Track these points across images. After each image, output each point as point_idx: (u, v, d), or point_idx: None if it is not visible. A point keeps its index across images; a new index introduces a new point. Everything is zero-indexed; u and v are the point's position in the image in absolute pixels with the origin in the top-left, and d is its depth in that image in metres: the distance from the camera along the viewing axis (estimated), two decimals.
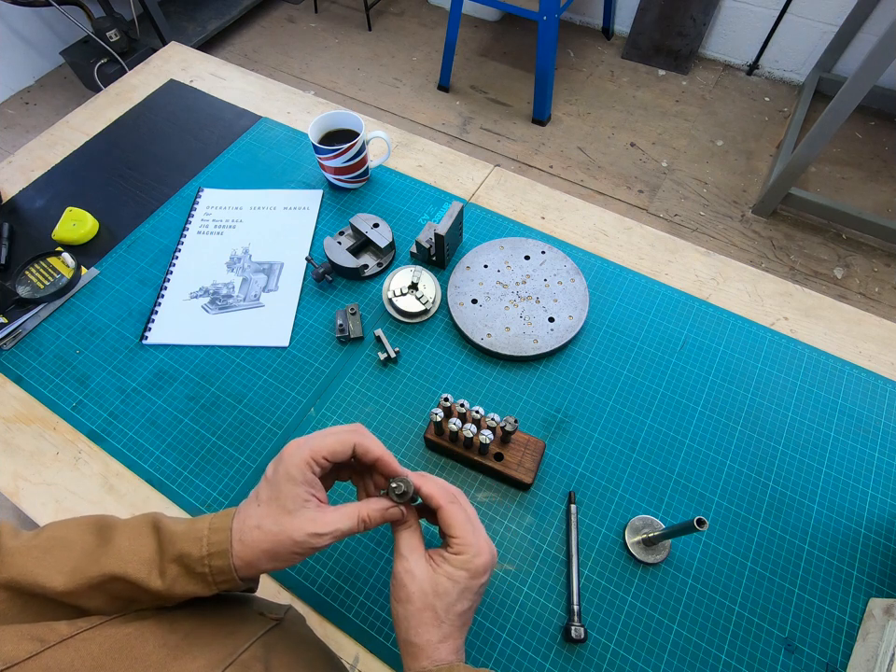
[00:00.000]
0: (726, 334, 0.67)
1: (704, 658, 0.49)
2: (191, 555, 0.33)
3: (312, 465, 0.36)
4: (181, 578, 0.33)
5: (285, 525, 0.34)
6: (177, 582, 0.33)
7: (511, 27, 2.46)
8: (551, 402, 0.63)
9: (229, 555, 0.33)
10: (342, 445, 0.37)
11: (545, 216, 0.79)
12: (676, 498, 0.57)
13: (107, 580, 0.32)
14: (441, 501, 0.39)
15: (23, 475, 0.60)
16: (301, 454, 0.36)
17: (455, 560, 0.37)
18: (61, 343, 0.69)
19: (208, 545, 0.33)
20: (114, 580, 0.32)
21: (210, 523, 0.35)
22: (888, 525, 0.55)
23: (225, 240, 0.78)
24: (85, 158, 0.89)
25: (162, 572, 0.33)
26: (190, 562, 0.33)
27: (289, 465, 0.36)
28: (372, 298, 0.72)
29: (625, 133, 2.07)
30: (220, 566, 0.33)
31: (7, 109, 2.24)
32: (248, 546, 0.34)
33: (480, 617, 0.51)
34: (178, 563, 0.33)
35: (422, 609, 0.36)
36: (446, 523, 0.39)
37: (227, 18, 2.39)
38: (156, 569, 0.33)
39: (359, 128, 0.77)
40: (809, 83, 2.04)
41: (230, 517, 0.36)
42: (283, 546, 0.34)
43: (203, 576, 0.33)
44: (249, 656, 0.32)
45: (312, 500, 0.36)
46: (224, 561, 0.33)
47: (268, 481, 0.37)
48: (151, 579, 0.32)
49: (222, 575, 0.33)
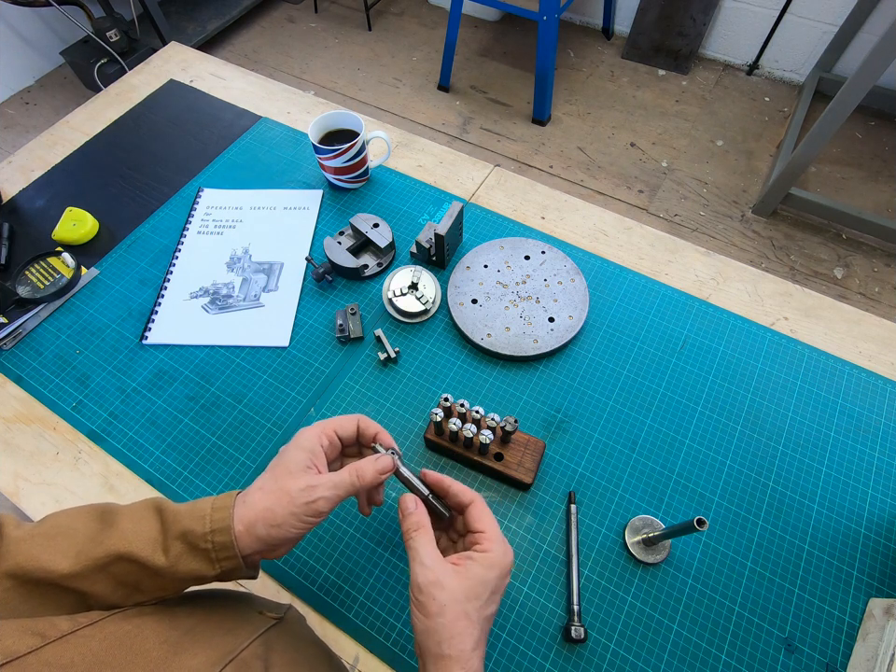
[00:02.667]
0: (726, 334, 0.67)
1: (704, 658, 0.49)
2: (195, 532, 0.34)
3: (322, 437, 0.40)
4: (185, 555, 0.34)
5: (283, 483, 0.36)
6: (181, 560, 0.33)
7: (511, 27, 2.46)
8: (551, 402, 0.63)
9: (231, 532, 0.34)
10: (348, 421, 0.42)
11: (545, 216, 0.79)
12: (676, 498, 0.57)
13: (112, 560, 0.33)
14: (473, 496, 0.40)
15: (23, 475, 0.60)
16: (313, 429, 0.41)
17: (484, 559, 0.36)
18: (61, 342, 0.69)
19: (211, 522, 0.35)
20: (119, 559, 0.33)
21: (213, 502, 0.36)
22: (888, 525, 0.55)
23: (225, 240, 0.78)
24: (85, 158, 0.89)
25: (166, 549, 0.33)
26: (194, 538, 0.34)
27: (300, 437, 0.40)
28: (372, 298, 0.72)
29: (625, 133, 2.06)
30: (223, 541, 0.34)
31: (7, 109, 2.24)
32: (249, 506, 0.36)
33: None
34: (182, 540, 0.34)
35: (455, 620, 0.34)
36: (476, 517, 0.38)
37: (227, 18, 2.38)
38: (160, 547, 0.33)
39: (359, 128, 0.77)
40: (809, 83, 2.04)
41: (232, 497, 0.37)
42: (280, 504, 0.35)
43: (206, 552, 0.34)
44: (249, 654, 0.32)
45: (313, 468, 0.38)
46: (227, 537, 0.34)
47: (279, 454, 0.40)
48: (156, 556, 0.33)
49: (225, 551, 0.34)
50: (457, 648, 0.33)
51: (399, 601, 0.52)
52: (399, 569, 0.54)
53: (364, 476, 0.38)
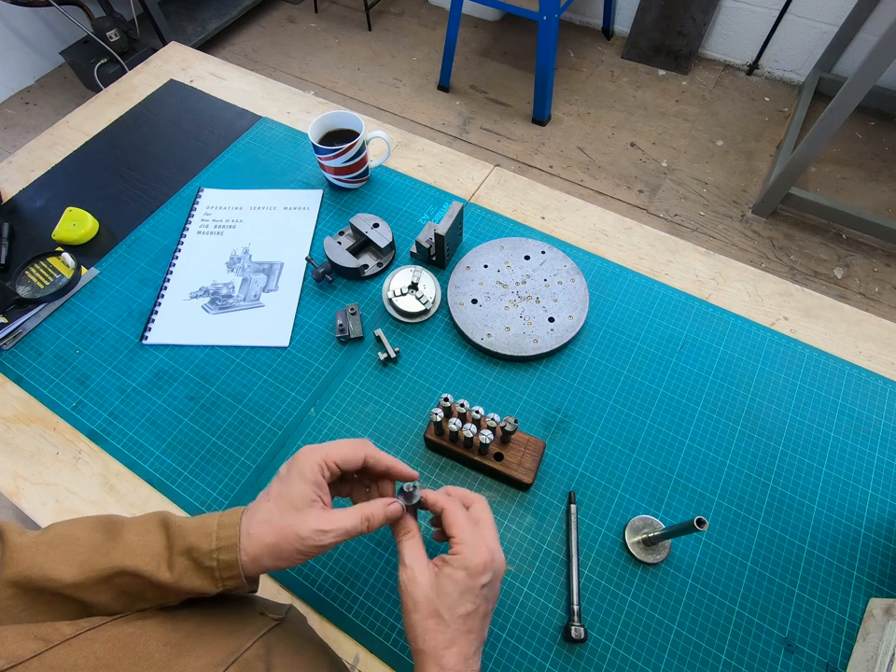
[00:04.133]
0: (726, 334, 0.67)
1: (704, 658, 0.49)
2: (201, 549, 0.34)
3: (323, 468, 0.38)
4: (189, 572, 0.33)
5: (292, 520, 0.35)
6: (185, 576, 0.33)
7: (511, 27, 2.46)
8: (551, 402, 0.63)
9: (237, 549, 0.34)
10: (354, 454, 0.40)
11: (545, 216, 0.79)
12: (676, 498, 0.57)
13: (116, 573, 0.32)
14: (444, 504, 0.40)
15: (23, 475, 0.60)
16: (314, 456, 0.38)
17: (453, 560, 0.38)
18: (61, 342, 0.69)
19: (217, 539, 0.34)
20: (123, 573, 0.32)
21: (219, 519, 0.36)
22: (888, 525, 0.55)
23: (225, 240, 0.78)
24: (85, 158, 0.89)
25: (171, 565, 0.33)
26: (199, 555, 0.34)
27: (303, 465, 0.38)
28: (372, 298, 0.72)
29: (625, 133, 2.06)
30: (228, 560, 0.34)
31: (7, 109, 2.24)
32: (255, 539, 0.35)
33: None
34: (187, 556, 0.34)
35: (427, 616, 0.36)
36: (446, 522, 0.40)
37: (227, 18, 2.38)
38: (165, 562, 0.33)
39: (359, 128, 0.77)
40: (809, 83, 2.04)
41: (238, 514, 0.37)
42: (287, 541, 0.35)
43: (211, 570, 0.34)
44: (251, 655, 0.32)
45: (318, 501, 0.37)
46: (232, 555, 0.34)
47: (280, 479, 0.38)
48: (160, 571, 0.33)
49: (229, 570, 0.34)
50: (430, 644, 0.35)
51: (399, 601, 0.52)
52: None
53: (374, 524, 0.39)
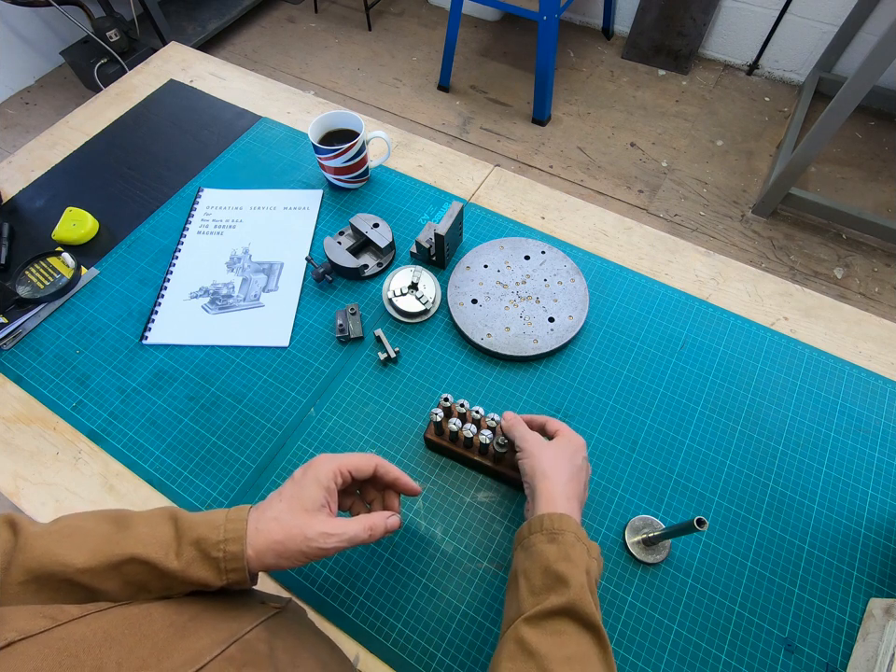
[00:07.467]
0: (726, 334, 0.67)
1: (704, 658, 0.49)
2: (209, 539, 0.35)
3: (337, 475, 0.41)
4: (196, 562, 0.35)
5: (300, 521, 0.38)
6: (192, 566, 0.34)
7: (511, 27, 2.46)
8: (551, 402, 0.63)
9: (244, 542, 0.36)
10: (366, 463, 0.43)
11: (545, 216, 0.79)
12: (676, 498, 0.57)
13: (126, 560, 0.34)
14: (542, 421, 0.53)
15: (23, 475, 0.60)
16: (330, 464, 0.41)
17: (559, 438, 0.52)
18: (61, 342, 0.69)
19: (225, 531, 0.36)
20: (132, 560, 0.34)
21: (227, 514, 0.38)
22: (888, 525, 0.55)
23: (225, 240, 0.78)
24: (85, 158, 0.89)
25: (179, 554, 0.34)
26: (207, 546, 0.35)
27: (319, 470, 0.41)
28: (372, 298, 0.72)
29: (625, 133, 2.06)
30: (234, 551, 0.35)
31: (7, 109, 2.24)
32: (262, 534, 0.37)
33: (480, 617, 0.51)
34: (195, 546, 0.35)
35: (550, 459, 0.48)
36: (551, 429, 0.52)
37: (227, 18, 2.38)
38: (173, 552, 0.35)
39: (359, 128, 0.77)
40: (809, 83, 2.03)
41: (245, 510, 0.38)
42: (293, 541, 0.37)
43: (217, 561, 0.35)
44: (253, 636, 0.33)
45: (326, 507, 0.40)
46: (239, 547, 0.35)
47: (294, 481, 0.41)
48: (168, 559, 0.34)
49: (234, 562, 0.35)
50: (553, 473, 0.46)
51: (399, 601, 0.52)
52: (398, 569, 0.54)
53: (375, 535, 0.41)
